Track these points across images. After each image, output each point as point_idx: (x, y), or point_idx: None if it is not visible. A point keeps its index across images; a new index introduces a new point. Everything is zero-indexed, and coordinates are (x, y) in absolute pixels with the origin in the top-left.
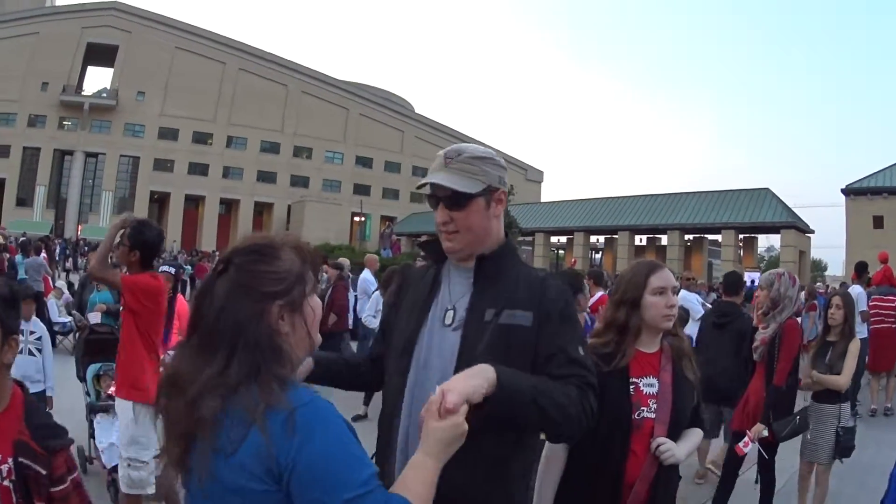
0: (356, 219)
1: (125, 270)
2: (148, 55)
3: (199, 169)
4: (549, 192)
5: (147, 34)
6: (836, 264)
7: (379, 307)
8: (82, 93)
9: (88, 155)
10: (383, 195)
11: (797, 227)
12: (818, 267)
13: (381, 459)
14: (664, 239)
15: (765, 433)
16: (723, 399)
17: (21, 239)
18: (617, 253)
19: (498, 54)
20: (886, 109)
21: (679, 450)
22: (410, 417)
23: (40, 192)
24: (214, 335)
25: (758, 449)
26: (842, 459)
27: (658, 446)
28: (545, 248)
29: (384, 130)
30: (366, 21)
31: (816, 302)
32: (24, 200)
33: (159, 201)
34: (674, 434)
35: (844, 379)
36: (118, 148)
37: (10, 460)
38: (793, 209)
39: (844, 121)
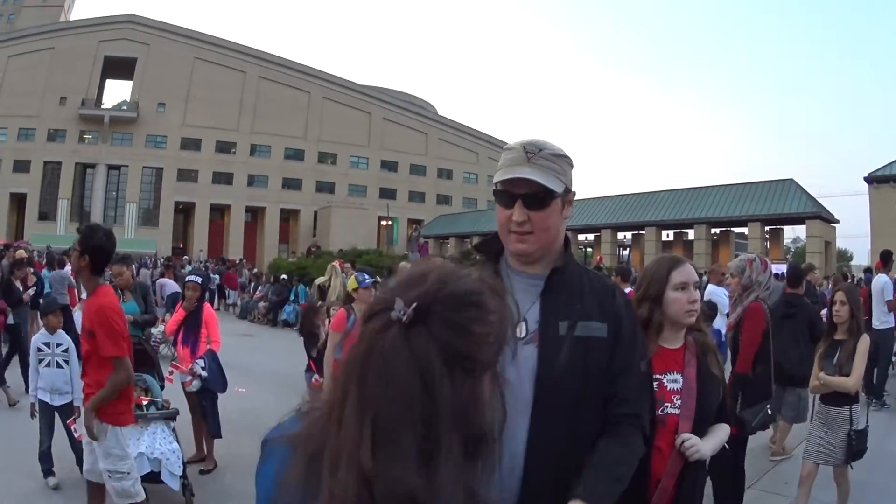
0: (383, 223)
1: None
2: (167, 66)
3: (224, 178)
4: (576, 190)
5: (165, 46)
6: (862, 254)
7: None
8: (102, 106)
9: (111, 167)
10: (409, 198)
11: (822, 218)
12: (844, 257)
13: None
14: (691, 233)
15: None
16: (799, 382)
17: (47, 252)
18: (644, 249)
19: (521, 53)
20: None
21: (704, 445)
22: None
23: (63, 206)
24: (444, 427)
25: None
26: (846, 463)
27: (683, 442)
28: (573, 246)
29: (408, 133)
30: (386, 25)
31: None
32: (47, 214)
33: (184, 211)
34: (699, 430)
35: (853, 381)
36: (140, 159)
37: None
38: (817, 199)
39: (866, 108)
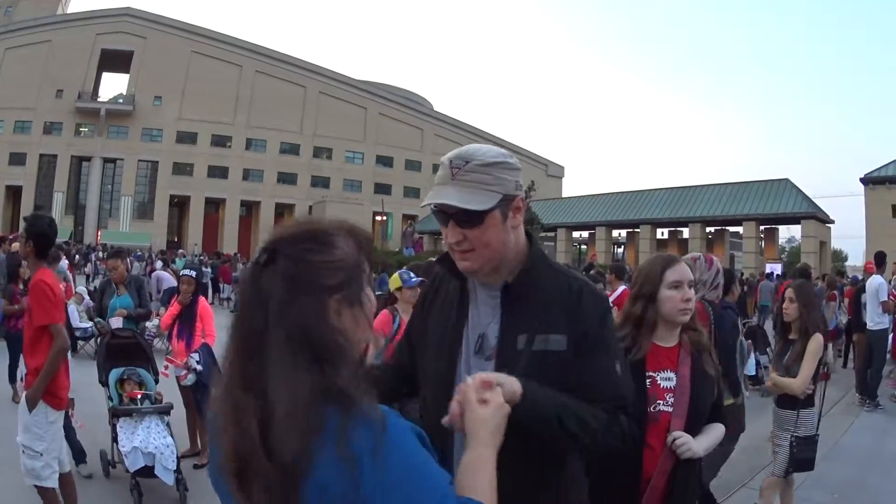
0: (378, 218)
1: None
2: (163, 60)
3: (219, 172)
4: (570, 188)
5: (162, 39)
6: (857, 254)
7: None
8: (98, 99)
9: (106, 160)
10: (404, 194)
11: (817, 218)
12: (839, 257)
13: None
14: (686, 232)
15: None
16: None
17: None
18: (639, 247)
19: (517, 49)
20: None
21: (696, 444)
22: (457, 446)
23: (58, 199)
24: (277, 342)
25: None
26: (787, 473)
27: (674, 440)
28: (567, 244)
29: (404, 129)
30: (383, 20)
31: (836, 293)
32: (42, 207)
33: (179, 205)
34: (692, 428)
35: (799, 383)
36: (136, 153)
37: None
38: (813, 199)
39: (863, 110)
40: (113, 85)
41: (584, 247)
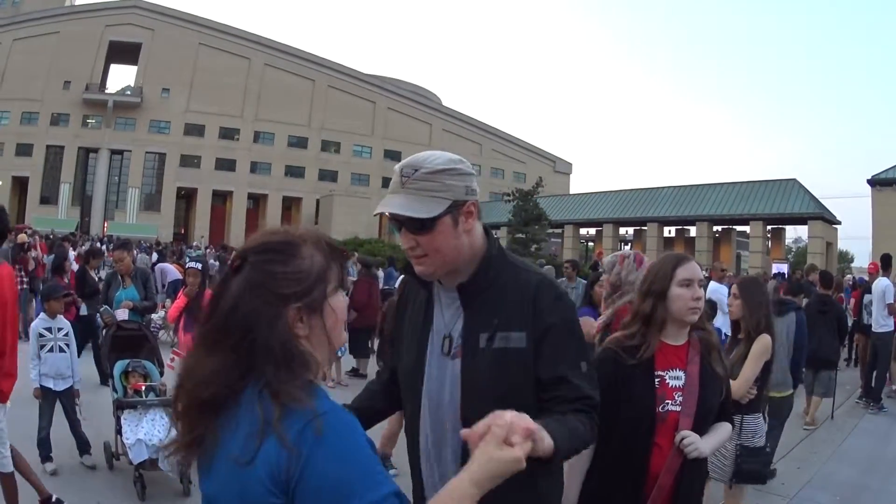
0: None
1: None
2: (171, 52)
3: (227, 164)
4: (578, 184)
5: (170, 31)
6: (863, 256)
7: None
8: (106, 91)
9: (114, 152)
10: None
11: (824, 219)
12: (845, 258)
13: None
14: (693, 230)
15: None
16: (829, 365)
17: (50, 238)
18: (646, 245)
19: (526, 45)
20: None
21: (704, 444)
22: (430, 459)
23: (65, 190)
24: (223, 333)
25: None
26: (731, 483)
27: (682, 440)
28: (574, 241)
29: (412, 124)
30: (392, 14)
31: (843, 295)
32: (48, 198)
33: (186, 197)
34: (700, 427)
35: (737, 386)
36: (144, 145)
37: None
38: (820, 200)
39: (871, 111)
40: (121, 77)
41: (591, 244)
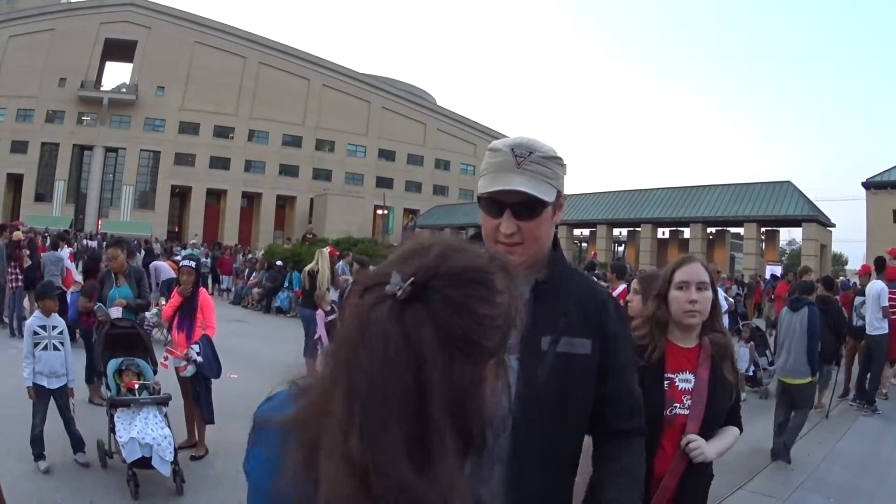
0: (379, 212)
1: None
2: (167, 50)
3: (221, 163)
4: (572, 185)
5: (166, 29)
6: (857, 258)
7: None
8: (101, 88)
9: (108, 150)
10: (406, 188)
11: (819, 221)
12: (839, 261)
13: None
14: (687, 232)
15: None
16: (828, 359)
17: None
18: (640, 246)
19: (520, 45)
20: None
21: (709, 448)
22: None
23: (60, 188)
24: (433, 415)
25: None
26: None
27: (688, 443)
28: (568, 242)
29: (406, 123)
30: (387, 14)
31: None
32: (43, 196)
33: (181, 195)
34: (707, 432)
35: None
36: (138, 142)
37: None
38: (814, 202)
39: (866, 114)
40: (116, 74)
41: (585, 245)
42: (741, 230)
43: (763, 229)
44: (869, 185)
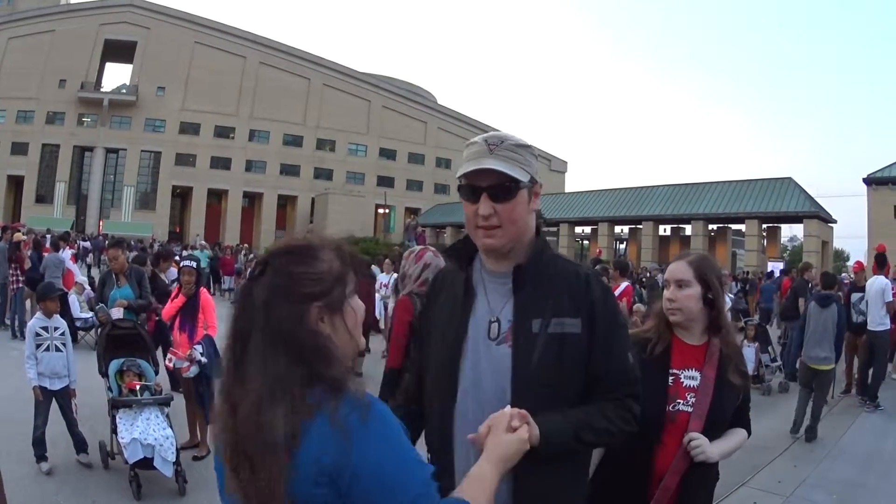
0: (380, 211)
1: None
2: (167, 51)
3: (222, 163)
4: (573, 183)
5: (165, 30)
6: (859, 255)
7: None
8: (101, 89)
9: (109, 151)
10: (407, 187)
11: (820, 217)
12: (841, 257)
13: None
14: (688, 229)
15: None
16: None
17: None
18: (641, 243)
19: (521, 44)
20: None
21: (712, 448)
22: (469, 458)
23: (61, 189)
24: (259, 342)
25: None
26: None
27: (690, 441)
28: (570, 239)
29: (407, 122)
30: (387, 13)
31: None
32: (44, 197)
33: (182, 195)
34: (711, 432)
35: None
36: (139, 143)
37: None
38: (815, 199)
39: (867, 110)
40: (116, 75)
41: (587, 242)
42: (742, 227)
43: (764, 226)
44: (870, 181)
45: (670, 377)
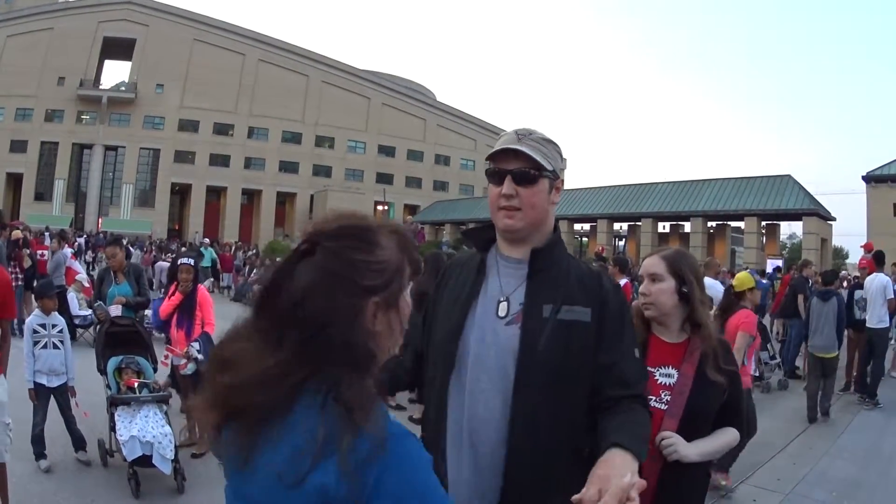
0: (379, 208)
1: None
2: (166, 48)
3: (221, 160)
4: (572, 180)
5: (164, 27)
6: (858, 252)
7: None
8: (100, 87)
9: (108, 148)
10: (406, 184)
11: (819, 215)
12: (840, 255)
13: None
14: (687, 226)
15: None
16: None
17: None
18: (640, 240)
19: (520, 40)
20: None
21: (688, 447)
22: (467, 412)
23: (59, 186)
24: (290, 326)
25: None
26: None
27: (662, 440)
28: (569, 236)
29: (406, 119)
30: (386, 10)
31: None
32: (43, 195)
33: (181, 193)
34: (687, 431)
35: None
36: (138, 140)
37: None
38: (814, 196)
39: (866, 107)
40: (115, 72)
41: (586, 239)
42: (742, 224)
43: (763, 223)
44: (869, 179)
45: None
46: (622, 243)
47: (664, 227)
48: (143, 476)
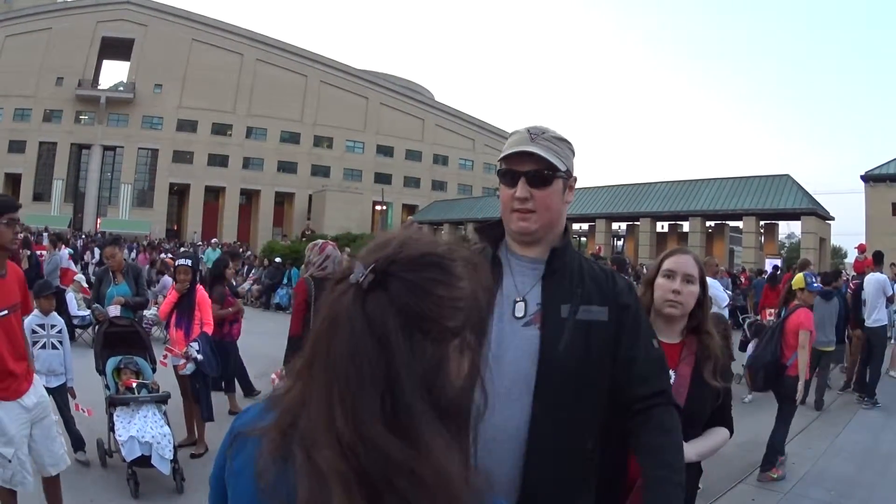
0: (378, 208)
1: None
2: (164, 48)
3: (219, 160)
4: (576, 176)
5: (163, 27)
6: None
7: None
8: (98, 87)
9: (106, 148)
10: (404, 184)
11: (818, 214)
12: (838, 254)
13: None
14: (686, 226)
15: None
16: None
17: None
18: (639, 240)
19: (517, 40)
20: None
21: (686, 447)
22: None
23: (58, 187)
24: (406, 393)
25: None
26: None
27: None
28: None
29: (405, 119)
30: (385, 10)
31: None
32: (41, 195)
33: (179, 193)
34: (686, 429)
35: None
36: (136, 141)
37: None
38: (813, 196)
39: (865, 107)
40: (113, 73)
41: (584, 239)
42: (740, 224)
43: (762, 223)
44: (868, 178)
45: None
46: (620, 243)
47: (663, 227)
48: (142, 476)
